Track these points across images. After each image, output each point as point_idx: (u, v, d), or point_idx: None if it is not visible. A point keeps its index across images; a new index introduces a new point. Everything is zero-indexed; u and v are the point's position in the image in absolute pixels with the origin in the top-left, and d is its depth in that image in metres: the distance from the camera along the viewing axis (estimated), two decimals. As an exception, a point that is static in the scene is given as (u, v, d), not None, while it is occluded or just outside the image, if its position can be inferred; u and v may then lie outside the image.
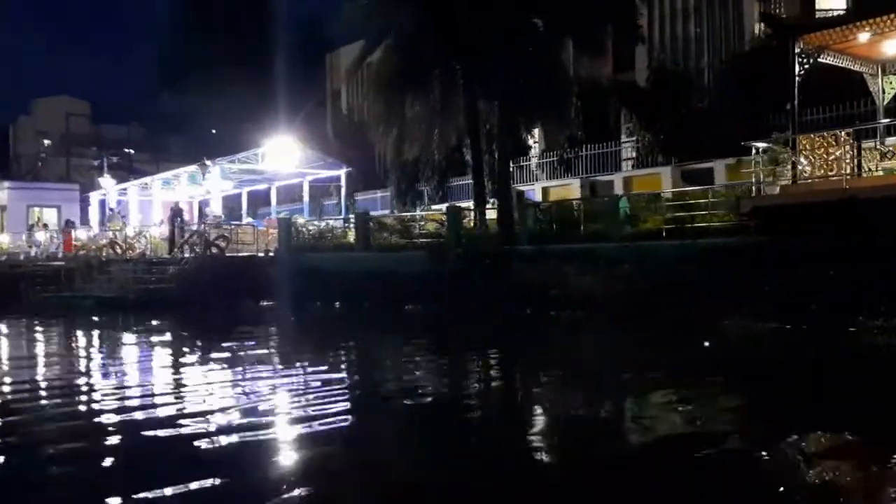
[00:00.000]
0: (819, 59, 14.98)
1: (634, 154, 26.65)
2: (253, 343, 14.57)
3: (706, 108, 23.63)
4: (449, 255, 20.05)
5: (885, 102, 16.68)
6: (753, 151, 14.65)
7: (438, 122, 23.32)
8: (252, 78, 41.79)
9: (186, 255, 22.68)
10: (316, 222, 26.53)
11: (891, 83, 16.56)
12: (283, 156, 30.49)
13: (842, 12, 24.22)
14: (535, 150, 29.58)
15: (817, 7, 24.08)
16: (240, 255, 23.91)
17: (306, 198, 35.02)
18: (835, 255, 11.89)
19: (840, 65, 15.86)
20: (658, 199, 17.33)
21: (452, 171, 32.04)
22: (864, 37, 14.53)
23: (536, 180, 28.93)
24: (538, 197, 26.96)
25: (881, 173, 13.93)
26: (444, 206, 30.91)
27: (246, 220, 33.18)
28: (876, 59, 16.27)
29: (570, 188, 25.73)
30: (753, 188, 14.45)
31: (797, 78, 14.80)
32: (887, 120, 15.23)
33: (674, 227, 15.94)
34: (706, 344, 11.84)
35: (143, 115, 45.97)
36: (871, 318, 11.06)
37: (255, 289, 21.90)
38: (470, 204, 28.08)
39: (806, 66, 14.81)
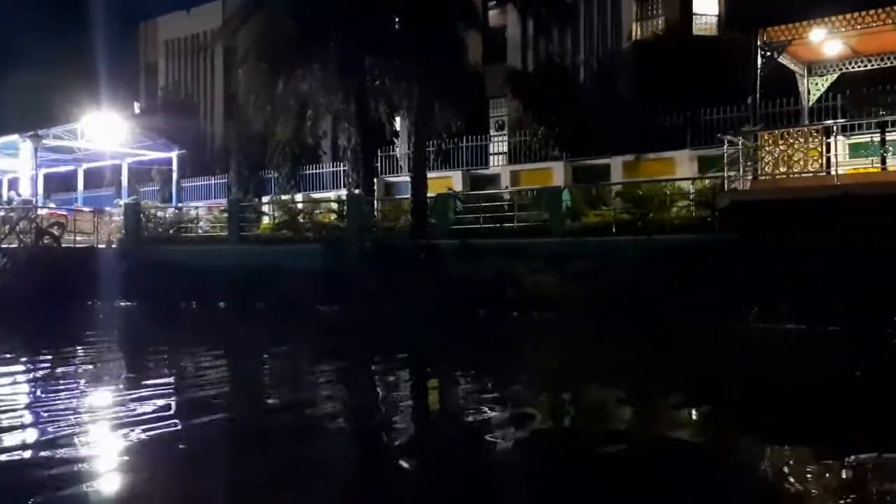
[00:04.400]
0: (773, 55, 14.66)
1: (506, 148, 25.75)
2: (106, 351, 12.10)
3: (595, 104, 23.08)
4: (351, 249, 17.76)
5: (810, 103, 16.93)
6: (725, 145, 13.97)
7: (317, 100, 20.83)
8: (47, 49, 36.13)
9: (13, 245, 18.27)
10: (183, 210, 22.85)
11: (816, 84, 16.77)
12: (105, 133, 26.15)
13: (715, 17, 25.12)
14: (399, 142, 27.66)
15: (694, 11, 24.51)
16: (78, 246, 19.83)
17: (125, 182, 30.55)
18: (843, 252, 11.32)
19: (781, 61, 15.70)
20: (603, 193, 16.26)
21: (305, 158, 29.29)
22: (820, 34, 14.38)
23: (402, 171, 27.06)
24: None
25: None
26: (299, 196, 28.30)
27: (50, 205, 28.25)
28: (806, 61, 16.37)
29: (449, 181, 24.12)
30: (725, 183, 13.73)
31: (759, 71, 14.34)
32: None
33: (626, 222, 14.90)
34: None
35: None
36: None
37: (105, 286, 18.24)
38: (331, 194, 25.93)
39: (766, 58, 14.41)
